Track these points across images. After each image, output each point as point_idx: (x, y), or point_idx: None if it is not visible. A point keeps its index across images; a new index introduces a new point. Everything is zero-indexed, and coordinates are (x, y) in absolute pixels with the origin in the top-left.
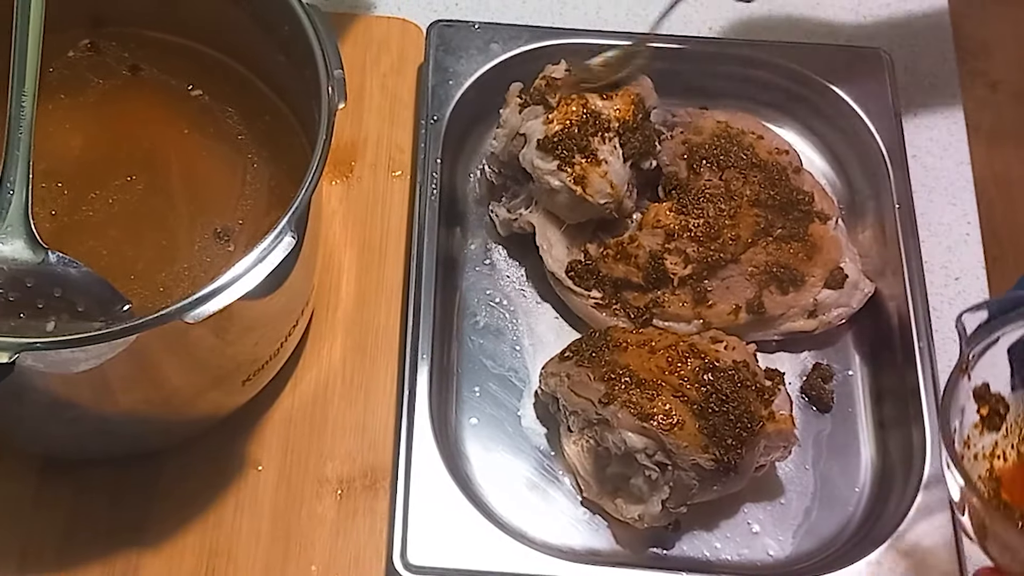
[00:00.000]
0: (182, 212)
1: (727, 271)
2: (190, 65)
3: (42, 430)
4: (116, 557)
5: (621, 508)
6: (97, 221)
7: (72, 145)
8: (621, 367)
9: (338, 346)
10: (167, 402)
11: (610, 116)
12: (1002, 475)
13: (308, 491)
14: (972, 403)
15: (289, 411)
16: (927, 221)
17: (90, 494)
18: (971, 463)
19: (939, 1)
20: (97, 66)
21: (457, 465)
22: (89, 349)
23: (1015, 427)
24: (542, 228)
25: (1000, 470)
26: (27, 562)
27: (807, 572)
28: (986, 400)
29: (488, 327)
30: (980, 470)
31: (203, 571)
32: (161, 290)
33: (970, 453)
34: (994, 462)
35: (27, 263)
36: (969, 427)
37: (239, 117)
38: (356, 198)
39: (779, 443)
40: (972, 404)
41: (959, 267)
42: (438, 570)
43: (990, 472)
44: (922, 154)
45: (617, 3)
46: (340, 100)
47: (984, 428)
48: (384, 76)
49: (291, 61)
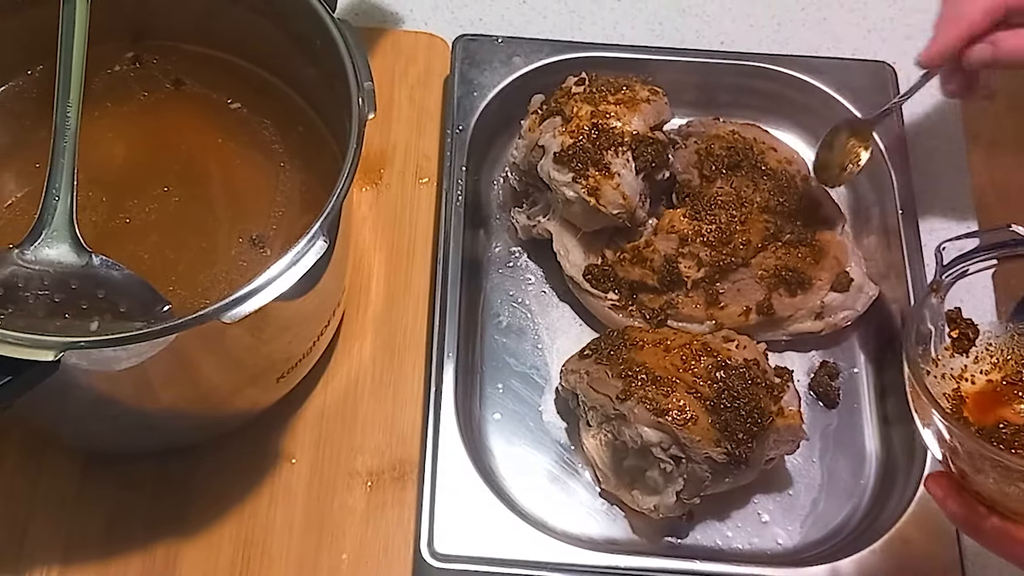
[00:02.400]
0: (220, 218)
1: (738, 274)
2: (229, 79)
3: (86, 426)
4: (156, 547)
5: (637, 499)
6: (139, 226)
7: (115, 153)
8: (638, 365)
9: (368, 345)
10: (205, 398)
11: (623, 130)
12: (967, 397)
13: (339, 483)
14: (945, 326)
15: (321, 407)
16: (929, 226)
17: (131, 487)
18: (937, 380)
19: None
20: (143, 79)
21: (481, 458)
22: (131, 348)
23: (985, 354)
24: (559, 235)
25: (966, 392)
26: (71, 552)
27: (815, 560)
28: (957, 324)
29: (511, 327)
30: (946, 388)
31: (239, 560)
32: (200, 291)
33: (937, 371)
34: (961, 384)
35: (72, 266)
36: (940, 348)
37: (274, 128)
38: (385, 204)
39: (788, 437)
40: (945, 327)
41: None
42: (463, 558)
43: (956, 391)
44: (924, 162)
45: (634, 19)
46: (370, 111)
47: (954, 351)
48: (412, 88)
49: (323, 74)
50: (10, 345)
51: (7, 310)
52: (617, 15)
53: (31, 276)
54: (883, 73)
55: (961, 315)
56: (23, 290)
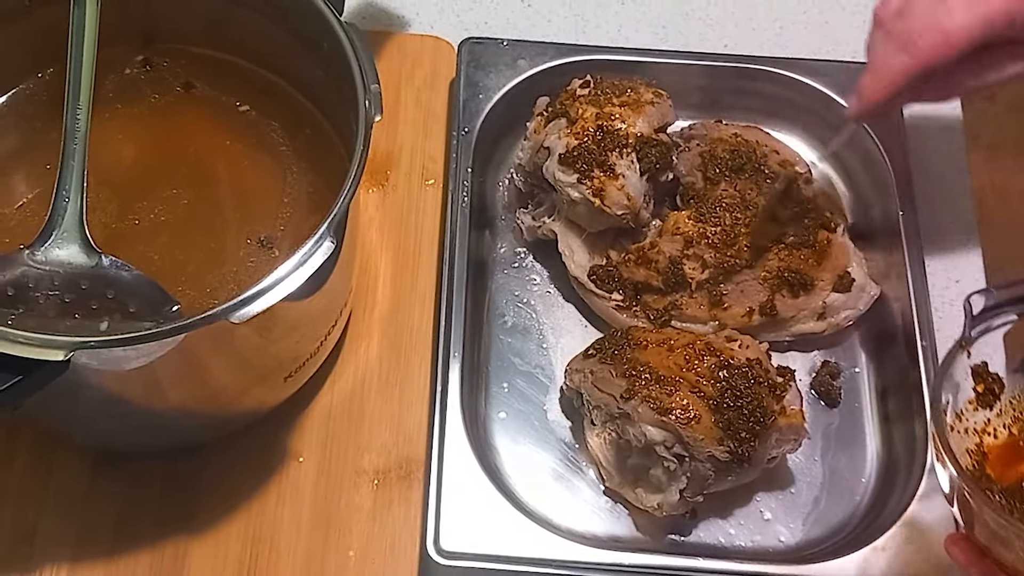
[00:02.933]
0: (228, 219)
1: (742, 276)
2: (238, 82)
3: (95, 425)
4: (165, 544)
5: (641, 497)
6: (148, 227)
7: (125, 155)
8: (641, 364)
9: (374, 345)
10: (213, 398)
11: (628, 132)
12: (990, 451)
13: (346, 481)
14: (969, 380)
15: (328, 406)
16: (929, 227)
17: (141, 485)
18: (960, 436)
19: None
20: (154, 81)
21: (487, 457)
22: (140, 347)
23: (1008, 408)
24: (564, 236)
25: (989, 447)
26: (81, 549)
27: (816, 557)
28: (983, 378)
29: (516, 326)
30: (969, 444)
31: (247, 557)
32: (208, 292)
33: (960, 426)
34: (984, 438)
35: (82, 266)
36: (963, 402)
37: (282, 130)
38: (391, 205)
39: (790, 436)
40: (969, 381)
41: (959, 271)
42: (469, 555)
43: (979, 447)
44: (924, 164)
45: (638, 22)
46: (376, 113)
47: (978, 404)
48: (418, 90)
49: (330, 77)
50: (21, 345)
51: (18, 310)
52: (621, 19)
53: (42, 276)
54: None
55: (987, 369)
56: (34, 290)
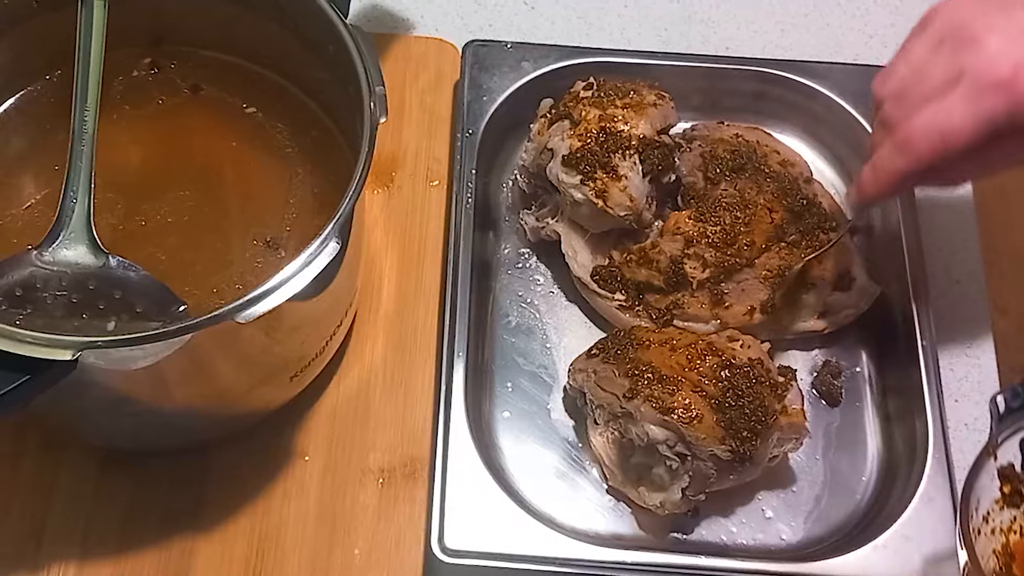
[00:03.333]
0: (234, 220)
1: (742, 275)
2: (245, 84)
3: (103, 423)
4: (172, 541)
5: (644, 496)
6: (155, 228)
7: (132, 157)
8: (644, 364)
9: (379, 344)
10: (220, 397)
11: (630, 134)
12: (1016, 550)
13: (352, 480)
14: (996, 481)
15: (334, 405)
16: (929, 228)
17: (148, 482)
18: (988, 537)
19: None
20: (162, 83)
21: (491, 455)
22: (147, 347)
23: None
24: (567, 236)
25: (1015, 545)
26: (89, 545)
27: (818, 555)
28: (1010, 479)
29: (519, 326)
30: (996, 544)
31: (254, 555)
32: (215, 292)
33: (987, 528)
34: (1010, 536)
35: (89, 267)
36: (990, 502)
37: (288, 132)
38: (396, 207)
39: (791, 435)
40: (996, 482)
41: (959, 271)
42: (473, 553)
43: (1005, 547)
44: None
45: (641, 25)
46: (381, 115)
47: (1005, 504)
48: (422, 92)
49: (336, 79)
50: (29, 344)
51: (26, 310)
52: (624, 21)
53: (49, 277)
54: None
55: (1015, 470)
56: (41, 291)
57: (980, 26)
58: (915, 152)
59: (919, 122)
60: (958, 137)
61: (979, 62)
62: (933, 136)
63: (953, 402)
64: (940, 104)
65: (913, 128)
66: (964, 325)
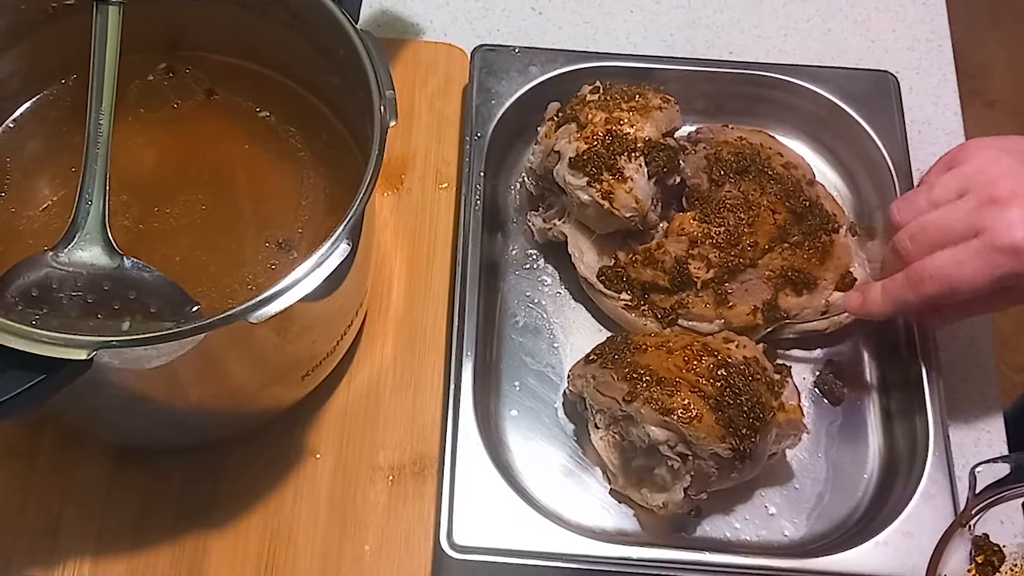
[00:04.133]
0: (247, 222)
1: (746, 275)
2: (258, 88)
3: (118, 421)
4: (186, 538)
5: (647, 497)
6: (169, 230)
7: (146, 160)
8: (642, 367)
9: (389, 344)
10: (232, 396)
11: (636, 136)
12: None
13: (362, 477)
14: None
15: (345, 404)
16: None
17: (162, 480)
18: None
19: (942, 27)
20: (177, 87)
21: (499, 453)
22: (161, 347)
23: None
24: (574, 237)
25: None
26: (104, 541)
27: (820, 551)
28: (983, 550)
29: (527, 326)
30: None
31: (266, 551)
32: (227, 293)
33: None
34: None
35: (104, 268)
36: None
37: (300, 136)
38: (406, 209)
39: (789, 431)
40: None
41: None
42: (481, 549)
43: None
44: (926, 168)
45: (646, 30)
46: (391, 118)
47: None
48: (432, 96)
49: (347, 83)
50: (44, 344)
51: (42, 310)
52: (630, 26)
53: (65, 278)
54: (885, 82)
55: (988, 541)
56: (57, 291)
57: (1007, 189)
58: (924, 291)
59: (932, 266)
60: (966, 287)
61: (999, 224)
62: (943, 281)
63: (953, 401)
64: (955, 253)
65: (926, 270)
66: (964, 325)
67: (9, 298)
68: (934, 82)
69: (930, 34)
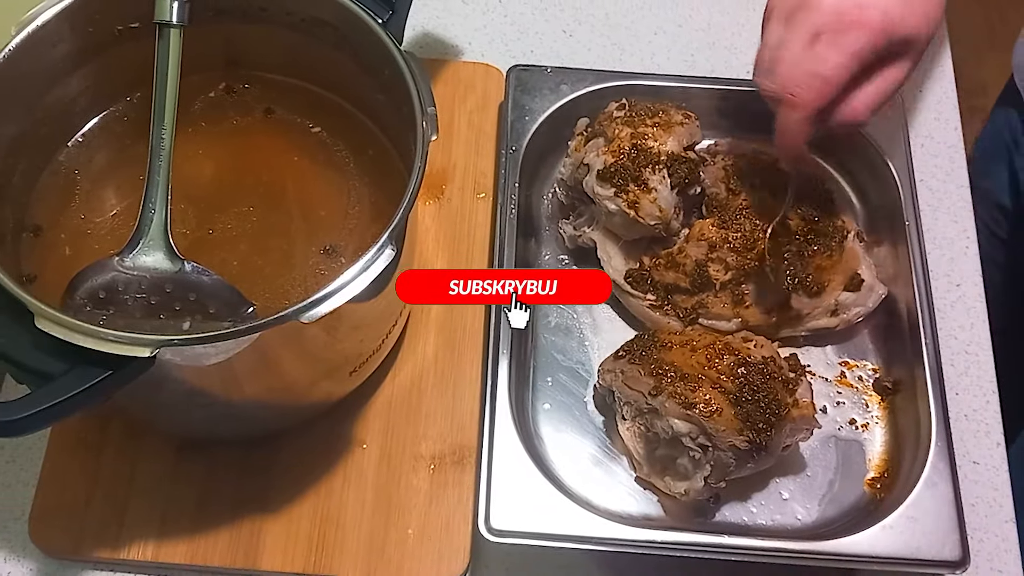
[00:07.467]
0: (299, 229)
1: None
2: (310, 105)
3: (179, 415)
4: (242, 523)
5: (669, 484)
6: (227, 236)
7: (205, 170)
8: (667, 364)
9: (431, 343)
10: (285, 390)
11: (659, 150)
12: None
13: (406, 466)
14: None
15: (389, 398)
16: (932, 236)
17: (220, 469)
18: None
19: (943, 48)
20: (236, 104)
21: (532, 444)
22: (219, 345)
23: None
24: (602, 243)
25: None
26: (166, 527)
27: (831, 534)
28: None
29: (559, 326)
30: None
31: (316, 535)
32: (280, 295)
33: None
34: None
35: (166, 272)
36: None
37: (348, 150)
38: (446, 216)
39: (803, 426)
40: None
41: (959, 275)
42: (517, 533)
43: None
44: (928, 178)
45: (669, 50)
46: (433, 133)
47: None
48: (470, 113)
49: (391, 100)
50: (111, 343)
51: (109, 311)
52: (654, 47)
53: (130, 281)
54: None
55: None
56: (123, 293)
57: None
58: (804, 101)
59: (799, 77)
60: (837, 75)
61: (827, 17)
62: (815, 81)
63: (954, 395)
64: (811, 57)
65: (796, 84)
66: (964, 325)
67: (78, 300)
68: (936, 99)
69: (932, 55)
